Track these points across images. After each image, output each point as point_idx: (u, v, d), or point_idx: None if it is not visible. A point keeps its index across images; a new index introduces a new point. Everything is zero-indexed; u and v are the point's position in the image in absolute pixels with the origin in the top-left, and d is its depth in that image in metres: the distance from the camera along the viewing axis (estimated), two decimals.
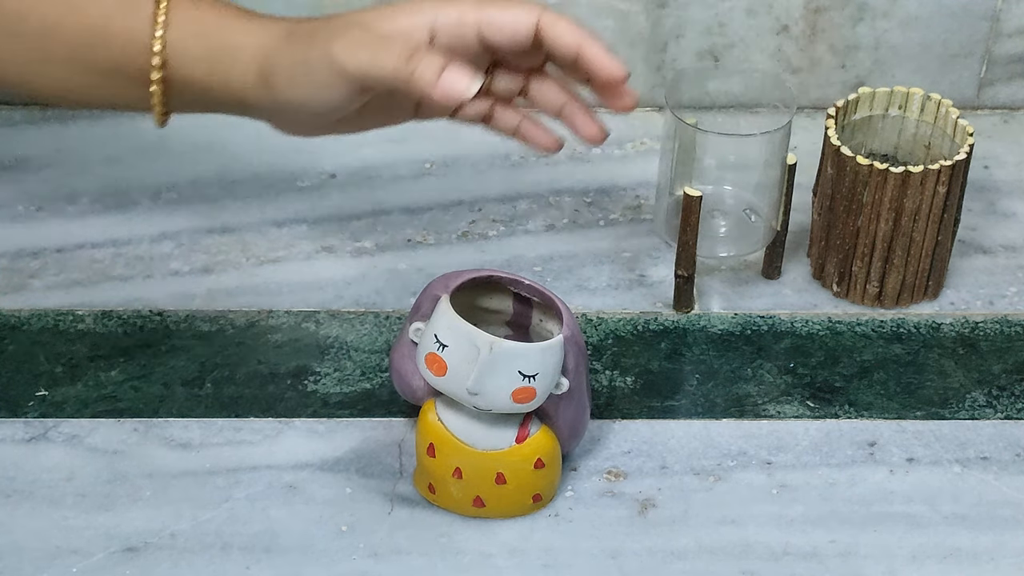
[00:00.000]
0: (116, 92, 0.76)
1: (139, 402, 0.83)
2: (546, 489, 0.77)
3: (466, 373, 0.71)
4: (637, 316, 0.89)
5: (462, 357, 0.71)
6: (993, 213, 0.97)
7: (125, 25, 0.74)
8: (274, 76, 0.73)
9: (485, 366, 0.71)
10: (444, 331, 0.72)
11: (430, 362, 0.73)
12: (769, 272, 0.92)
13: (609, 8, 1.01)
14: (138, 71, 0.75)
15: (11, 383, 0.84)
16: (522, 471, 0.75)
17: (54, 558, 0.75)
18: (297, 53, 0.73)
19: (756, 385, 0.85)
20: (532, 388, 0.72)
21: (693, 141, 0.87)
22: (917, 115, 0.89)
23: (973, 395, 0.85)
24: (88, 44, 0.74)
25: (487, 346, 0.71)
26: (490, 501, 0.76)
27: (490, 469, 0.75)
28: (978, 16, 1.01)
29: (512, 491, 0.75)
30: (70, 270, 0.92)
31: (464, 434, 0.75)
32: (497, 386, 0.71)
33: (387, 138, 1.03)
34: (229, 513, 0.77)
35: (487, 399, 0.72)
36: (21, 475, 0.79)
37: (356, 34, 0.72)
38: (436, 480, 0.76)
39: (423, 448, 0.76)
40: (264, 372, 0.85)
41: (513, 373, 0.71)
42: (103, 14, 0.74)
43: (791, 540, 0.76)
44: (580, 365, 0.75)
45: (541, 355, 0.72)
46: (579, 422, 0.77)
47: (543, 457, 0.75)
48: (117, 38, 0.74)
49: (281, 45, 0.73)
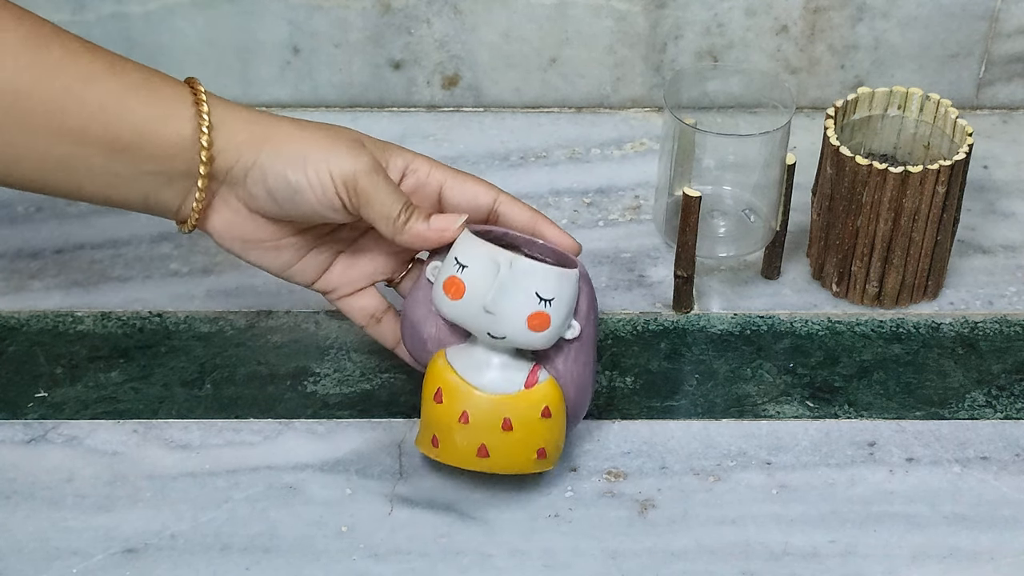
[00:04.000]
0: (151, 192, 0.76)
1: (139, 403, 0.83)
2: (551, 445, 0.76)
3: (484, 291, 0.73)
4: (637, 316, 0.89)
5: (481, 276, 0.73)
6: (992, 213, 0.97)
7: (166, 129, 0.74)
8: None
9: (504, 283, 0.73)
10: (464, 252, 0.74)
11: (448, 286, 0.74)
12: (768, 272, 0.92)
13: (608, 8, 1.01)
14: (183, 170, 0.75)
15: (11, 384, 0.84)
16: (529, 418, 0.75)
17: (54, 559, 0.75)
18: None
19: (756, 385, 0.85)
20: (547, 314, 0.73)
21: (692, 141, 0.87)
22: (916, 115, 0.89)
23: (973, 395, 0.85)
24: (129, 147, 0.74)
25: (507, 262, 0.73)
26: (495, 451, 0.75)
27: (497, 414, 0.74)
28: (977, 16, 1.01)
29: (518, 440, 0.75)
30: (69, 271, 0.92)
31: (473, 378, 0.75)
32: (514, 306, 0.73)
33: (386, 139, 1.03)
34: (229, 514, 0.77)
35: (502, 321, 0.73)
36: (21, 476, 0.79)
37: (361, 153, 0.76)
38: (441, 429, 0.75)
39: (430, 394, 0.76)
40: (264, 373, 0.85)
41: (530, 294, 0.73)
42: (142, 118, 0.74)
43: (791, 540, 0.76)
44: (592, 315, 0.76)
45: (558, 279, 0.74)
46: (585, 383, 0.77)
47: (551, 406, 0.75)
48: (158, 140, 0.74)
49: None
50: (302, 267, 0.80)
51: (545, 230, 0.78)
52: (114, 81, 0.73)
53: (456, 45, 1.02)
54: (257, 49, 1.02)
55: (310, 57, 1.03)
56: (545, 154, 1.02)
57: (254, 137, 0.75)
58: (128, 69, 0.74)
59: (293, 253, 0.79)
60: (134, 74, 0.74)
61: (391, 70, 1.04)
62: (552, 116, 1.05)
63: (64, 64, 0.72)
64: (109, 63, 0.74)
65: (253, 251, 0.78)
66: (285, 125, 0.76)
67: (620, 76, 1.04)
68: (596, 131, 1.04)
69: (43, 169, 0.73)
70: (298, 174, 0.74)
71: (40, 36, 0.72)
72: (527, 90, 1.05)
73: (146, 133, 0.73)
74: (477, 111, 1.06)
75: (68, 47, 0.73)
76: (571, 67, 1.04)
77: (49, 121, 0.72)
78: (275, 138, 0.75)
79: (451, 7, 1.01)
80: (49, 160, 0.73)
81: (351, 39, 1.02)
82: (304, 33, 1.02)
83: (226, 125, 0.75)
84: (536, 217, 0.78)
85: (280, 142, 0.75)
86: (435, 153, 1.01)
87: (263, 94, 1.04)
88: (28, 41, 0.72)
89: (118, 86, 0.73)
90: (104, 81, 0.73)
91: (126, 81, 0.74)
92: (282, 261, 0.79)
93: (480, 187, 0.78)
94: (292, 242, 0.79)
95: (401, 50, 1.03)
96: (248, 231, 0.77)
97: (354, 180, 0.74)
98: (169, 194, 0.75)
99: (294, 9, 1.01)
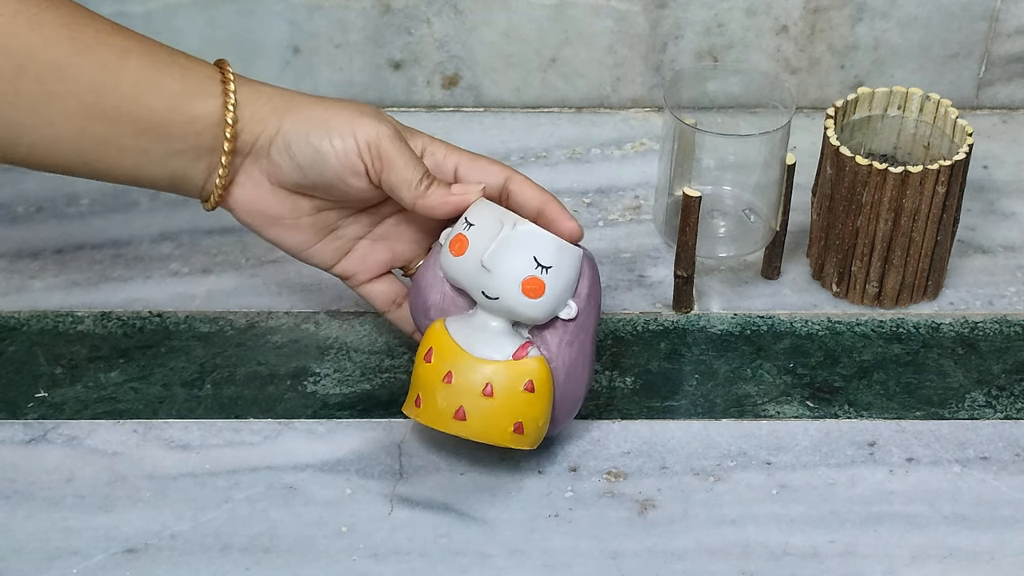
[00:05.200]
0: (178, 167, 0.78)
1: (139, 403, 0.83)
2: (530, 421, 0.76)
3: (485, 248, 0.74)
4: (637, 316, 0.89)
5: (486, 234, 0.75)
6: (992, 213, 0.97)
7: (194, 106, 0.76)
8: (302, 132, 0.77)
9: (504, 241, 0.74)
10: (474, 213, 0.76)
11: (454, 243, 0.76)
12: (768, 272, 0.92)
13: (608, 8, 1.01)
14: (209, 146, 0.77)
15: (11, 384, 0.84)
16: (511, 389, 0.75)
17: (54, 559, 0.75)
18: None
19: (756, 385, 0.85)
20: (542, 281, 0.74)
21: (692, 141, 0.87)
22: (916, 115, 0.89)
23: (973, 395, 0.85)
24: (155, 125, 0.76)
25: (512, 223, 0.75)
26: (472, 414, 0.75)
27: (481, 378, 0.75)
28: (977, 16, 1.01)
29: (496, 408, 0.75)
30: (70, 271, 0.92)
31: (464, 342, 0.76)
32: (511, 266, 0.74)
33: None
34: (229, 514, 0.77)
35: (498, 280, 0.74)
36: (21, 476, 0.79)
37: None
38: (425, 389, 0.76)
39: (421, 354, 0.77)
40: (264, 373, 0.85)
41: (528, 257, 0.74)
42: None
43: (791, 540, 0.76)
44: (591, 303, 0.77)
45: (559, 249, 0.75)
46: (578, 369, 0.77)
47: (535, 380, 0.75)
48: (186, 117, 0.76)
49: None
50: (320, 249, 0.81)
51: (551, 210, 0.78)
52: (147, 58, 0.75)
53: (456, 45, 1.02)
54: (257, 49, 1.02)
55: (310, 57, 1.03)
56: (545, 154, 1.02)
57: (277, 108, 0.77)
58: (157, 48, 0.76)
59: (312, 233, 0.80)
60: (163, 53, 0.76)
61: (391, 70, 1.04)
62: (552, 116, 1.05)
63: (100, 41, 0.74)
64: (140, 42, 0.76)
65: (272, 227, 0.80)
66: (308, 98, 0.78)
67: (620, 76, 1.04)
68: (596, 131, 1.04)
69: (80, 148, 0.75)
70: (322, 139, 0.76)
71: (75, 17, 0.74)
72: (527, 90, 1.05)
73: (176, 108, 0.75)
74: (477, 111, 1.06)
75: (101, 27, 0.75)
76: (571, 67, 1.04)
77: (86, 98, 0.74)
78: (298, 108, 0.77)
79: (451, 7, 1.01)
80: (87, 139, 0.74)
81: (351, 39, 1.02)
82: (304, 33, 1.02)
83: (250, 101, 0.77)
84: (546, 198, 0.79)
85: (303, 110, 0.77)
86: None
87: None
88: (65, 19, 0.73)
89: (150, 63, 0.75)
90: (137, 58, 0.75)
91: (157, 59, 0.76)
92: (300, 240, 0.80)
93: (493, 166, 0.80)
94: (311, 221, 0.80)
95: (401, 50, 1.03)
96: (269, 205, 0.79)
97: (377, 143, 0.76)
98: (196, 170, 0.77)
99: (294, 9, 1.01)
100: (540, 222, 0.78)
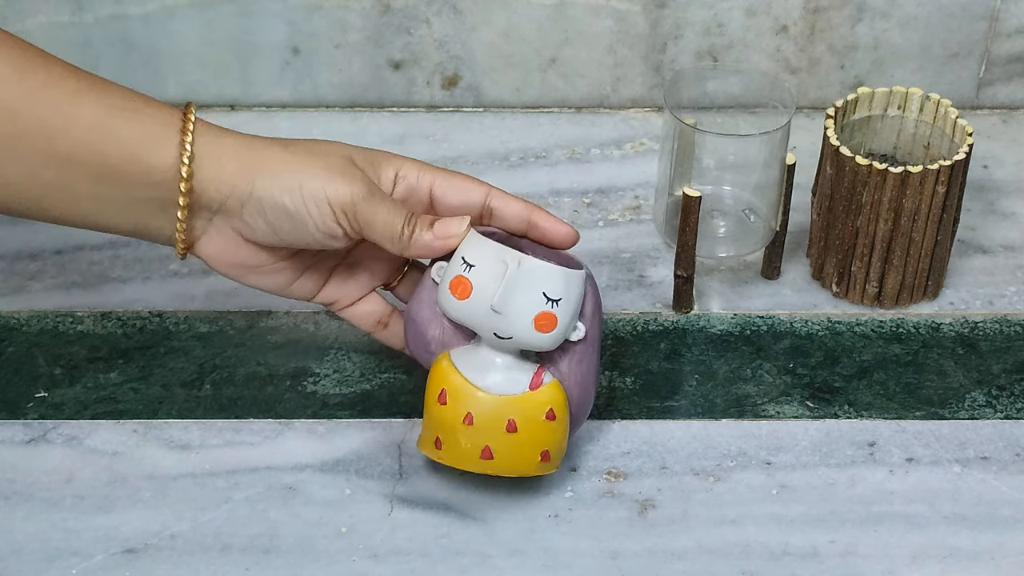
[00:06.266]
0: (140, 220, 0.75)
1: (138, 403, 0.83)
2: (555, 447, 0.76)
3: (492, 291, 0.73)
4: (636, 316, 0.89)
5: (489, 275, 0.73)
6: (992, 213, 0.97)
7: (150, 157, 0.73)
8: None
9: (511, 282, 0.72)
10: (472, 251, 0.74)
11: (455, 286, 0.74)
12: (768, 272, 0.92)
13: (608, 8, 1.01)
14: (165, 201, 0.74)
15: (10, 385, 0.84)
16: (534, 420, 0.75)
17: (53, 560, 0.75)
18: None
19: (755, 385, 0.85)
20: (554, 315, 0.73)
21: (692, 141, 0.87)
22: (916, 115, 0.89)
23: (973, 395, 0.85)
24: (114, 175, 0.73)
25: (515, 261, 0.73)
26: (499, 452, 0.75)
27: (502, 415, 0.74)
28: (977, 16, 1.01)
29: (522, 442, 0.75)
30: (69, 272, 0.92)
31: (478, 379, 0.75)
32: (521, 306, 0.73)
33: (386, 139, 1.03)
34: (229, 514, 0.77)
35: (509, 321, 0.73)
36: (20, 477, 0.79)
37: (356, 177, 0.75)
38: (445, 431, 0.75)
39: (433, 396, 0.75)
40: (263, 373, 0.85)
41: (537, 294, 0.73)
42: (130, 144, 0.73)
43: (791, 540, 0.76)
44: (596, 318, 0.76)
45: (566, 280, 0.74)
46: (588, 386, 0.77)
47: (555, 408, 0.75)
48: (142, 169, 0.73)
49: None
50: (300, 285, 0.79)
51: (540, 220, 0.77)
52: (102, 102, 0.72)
53: (456, 45, 1.02)
54: (257, 50, 1.02)
55: (310, 57, 1.03)
56: (545, 154, 1.02)
57: (244, 167, 0.73)
58: (114, 92, 0.73)
59: (290, 274, 0.79)
60: (120, 97, 0.73)
61: (391, 70, 1.04)
62: (552, 116, 1.05)
63: (50, 85, 0.71)
64: (95, 85, 0.73)
65: (250, 275, 0.78)
66: (275, 150, 0.74)
67: (620, 76, 1.04)
68: (596, 131, 1.04)
69: (32, 194, 0.72)
70: (298, 206, 0.73)
71: (26, 58, 0.72)
72: (527, 90, 1.05)
73: (132, 158, 0.72)
74: (477, 111, 1.06)
75: (53, 70, 0.72)
76: (571, 67, 1.04)
77: (37, 143, 0.71)
78: (267, 167, 0.74)
79: (451, 7, 1.01)
80: (37, 184, 0.72)
81: (351, 39, 1.02)
82: (304, 33, 1.02)
83: (212, 155, 0.73)
84: (530, 208, 0.77)
85: (273, 170, 0.74)
86: (435, 153, 1.01)
87: (263, 94, 1.04)
88: (14, 62, 0.71)
89: (105, 107, 0.72)
90: (91, 102, 0.72)
91: (113, 103, 0.72)
92: (279, 282, 0.79)
93: (470, 184, 0.78)
94: (287, 264, 0.78)
95: (401, 50, 1.03)
96: (243, 258, 0.77)
97: (353, 208, 0.74)
98: (161, 220, 0.74)
99: (294, 9, 1.01)
100: (531, 234, 0.77)
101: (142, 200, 0.73)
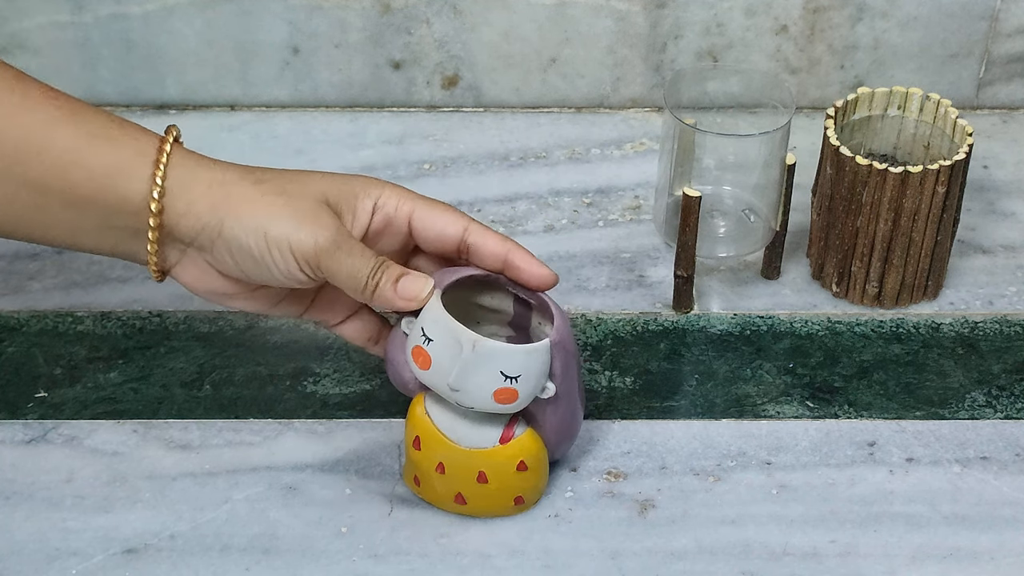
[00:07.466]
0: (116, 245, 0.74)
1: (138, 403, 0.83)
2: (529, 492, 0.77)
3: (448, 369, 0.71)
4: (636, 316, 0.89)
5: (446, 353, 0.71)
6: (992, 213, 0.97)
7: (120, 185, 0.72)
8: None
9: (467, 364, 0.71)
10: (430, 325, 0.72)
11: (416, 355, 0.73)
12: (768, 272, 0.92)
13: (608, 8, 1.01)
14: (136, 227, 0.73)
15: (10, 385, 0.84)
16: (504, 472, 0.75)
17: (53, 560, 0.75)
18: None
19: (755, 385, 0.85)
20: (514, 390, 0.72)
21: (692, 141, 0.87)
22: (916, 115, 0.89)
23: (973, 395, 0.85)
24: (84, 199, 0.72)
25: (470, 344, 0.71)
26: (471, 499, 0.76)
27: (472, 467, 0.75)
28: (977, 16, 1.01)
29: (493, 491, 0.75)
30: (69, 272, 0.92)
31: (449, 430, 0.75)
32: (478, 384, 0.71)
33: (386, 139, 1.03)
34: (229, 514, 0.77)
35: (468, 397, 0.72)
36: (20, 477, 0.79)
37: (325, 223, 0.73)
38: (421, 473, 0.76)
39: (410, 440, 0.76)
40: (263, 373, 0.85)
41: (495, 373, 0.71)
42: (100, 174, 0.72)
43: (791, 540, 0.76)
44: (570, 369, 0.75)
45: (525, 357, 0.71)
46: (568, 427, 0.77)
47: (527, 460, 0.75)
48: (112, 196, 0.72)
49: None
50: (283, 308, 0.78)
51: (517, 260, 0.75)
52: (78, 128, 0.71)
53: (456, 45, 1.02)
54: (257, 49, 1.02)
55: (310, 57, 1.03)
56: (545, 154, 1.02)
57: (214, 205, 0.72)
58: (91, 117, 0.72)
59: (272, 299, 0.77)
60: (97, 124, 0.72)
61: (391, 70, 1.04)
62: (552, 116, 1.05)
63: (27, 108, 0.71)
64: (71, 110, 0.72)
65: (230, 300, 0.77)
66: (245, 187, 0.73)
67: (620, 76, 1.04)
68: (596, 131, 1.04)
69: (9, 217, 0.72)
70: (263, 253, 0.72)
71: (3, 81, 0.71)
72: (527, 90, 1.05)
73: (105, 186, 0.71)
74: (477, 111, 1.06)
75: (30, 92, 0.71)
76: (571, 67, 1.04)
77: (12, 167, 0.70)
78: (235, 208, 0.72)
79: (451, 7, 1.01)
80: (13, 207, 0.72)
81: (351, 39, 1.02)
82: (304, 33, 1.02)
83: (184, 189, 0.72)
84: (508, 247, 0.75)
85: (239, 214, 0.72)
86: (435, 153, 1.01)
87: (263, 94, 1.04)
88: None
89: (81, 134, 0.71)
90: (66, 128, 0.71)
91: (89, 130, 0.71)
92: (261, 305, 0.77)
93: (449, 217, 0.75)
94: (265, 292, 0.77)
95: (401, 50, 1.03)
96: (219, 286, 0.76)
97: (316, 259, 0.72)
98: (138, 246, 0.74)
99: (294, 9, 1.01)
100: (508, 273, 0.75)
101: (117, 227, 0.73)
